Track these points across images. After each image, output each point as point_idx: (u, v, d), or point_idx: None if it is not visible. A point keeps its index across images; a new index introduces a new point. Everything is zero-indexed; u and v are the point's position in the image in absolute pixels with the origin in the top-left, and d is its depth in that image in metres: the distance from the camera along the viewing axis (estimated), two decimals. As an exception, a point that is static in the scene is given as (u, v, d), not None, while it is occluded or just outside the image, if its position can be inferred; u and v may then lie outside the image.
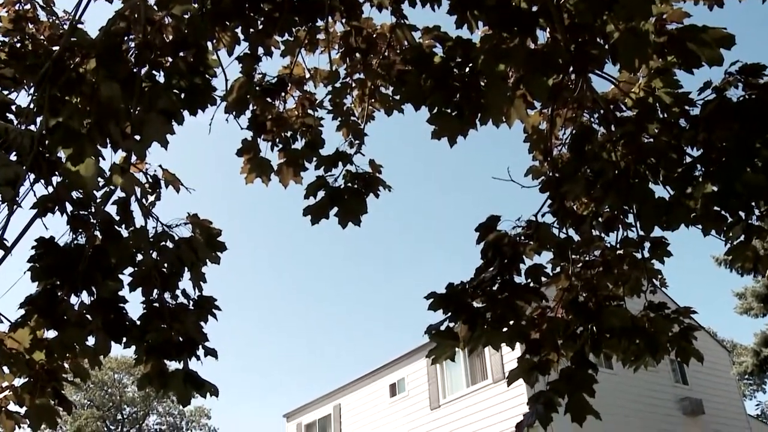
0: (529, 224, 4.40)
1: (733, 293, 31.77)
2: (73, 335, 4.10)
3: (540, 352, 4.30)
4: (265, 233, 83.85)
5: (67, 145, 3.64)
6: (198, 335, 4.25)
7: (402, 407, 25.34)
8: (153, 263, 4.23)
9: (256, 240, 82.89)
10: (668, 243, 4.77)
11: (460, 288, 4.23)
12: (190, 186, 4.60)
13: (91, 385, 58.72)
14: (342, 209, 4.85)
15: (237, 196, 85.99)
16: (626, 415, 21.55)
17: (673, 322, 4.58)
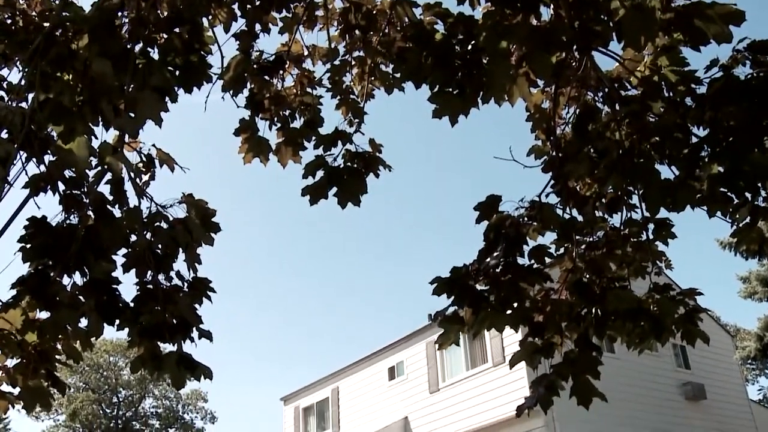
0: (532, 205, 4.38)
1: (738, 277, 31.88)
2: (65, 316, 4.09)
3: (543, 334, 4.29)
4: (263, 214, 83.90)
5: (58, 122, 3.61)
6: (192, 317, 4.23)
7: (401, 390, 25.45)
8: (147, 244, 4.21)
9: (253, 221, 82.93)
10: (673, 224, 4.75)
11: (463, 271, 4.21)
12: (185, 166, 4.58)
13: (86, 368, 58.96)
14: (341, 189, 4.82)
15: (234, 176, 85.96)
16: (627, 400, 21.65)
17: (678, 304, 4.57)
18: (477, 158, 72.62)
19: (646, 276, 4.92)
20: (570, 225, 4.58)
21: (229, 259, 73.92)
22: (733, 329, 36.86)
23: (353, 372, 28.04)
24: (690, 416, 24.37)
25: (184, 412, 64.16)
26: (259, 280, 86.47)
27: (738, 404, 26.75)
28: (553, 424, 20.25)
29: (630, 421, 22.06)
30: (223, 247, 68.07)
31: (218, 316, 67.28)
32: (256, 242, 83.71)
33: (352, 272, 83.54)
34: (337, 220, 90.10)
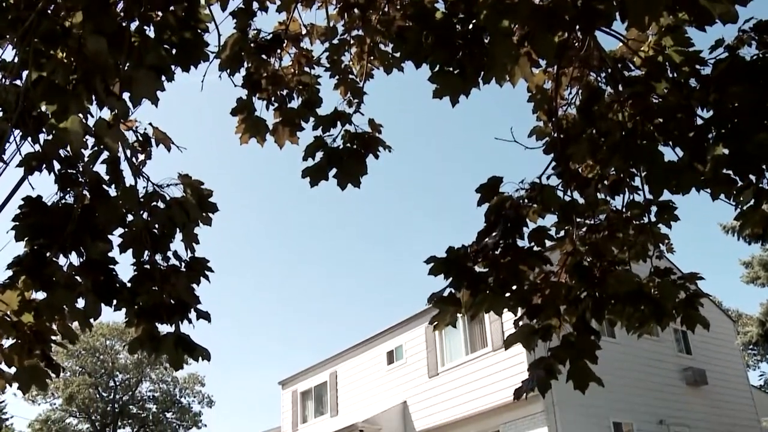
0: (532, 186, 4.37)
1: (740, 262, 31.90)
2: (61, 297, 4.10)
3: (541, 317, 4.29)
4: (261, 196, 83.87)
5: (51, 100, 3.60)
6: (190, 298, 4.24)
7: (400, 375, 25.55)
8: (143, 224, 4.21)
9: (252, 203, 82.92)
10: (675, 207, 4.75)
11: (461, 252, 4.21)
12: (181, 145, 4.57)
13: (82, 352, 59.14)
14: (341, 170, 4.81)
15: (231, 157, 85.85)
16: (629, 385, 21.75)
17: (679, 289, 4.57)
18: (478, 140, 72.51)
19: (647, 260, 4.92)
20: (571, 207, 4.58)
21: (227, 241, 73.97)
22: (734, 314, 36.98)
23: (352, 356, 28.14)
24: (691, 401, 24.49)
25: (182, 396, 64.40)
26: (258, 262, 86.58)
27: (739, 390, 26.87)
28: (553, 408, 20.34)
29: (631, 406, 22.17)
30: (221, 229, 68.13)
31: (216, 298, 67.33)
32: (254, 224, 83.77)
33: (352, 255, 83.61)
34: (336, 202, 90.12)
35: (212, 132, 76.08)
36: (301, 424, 29.89)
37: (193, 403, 64.49)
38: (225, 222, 70.13)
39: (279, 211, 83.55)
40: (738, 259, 32.24)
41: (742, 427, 25.59)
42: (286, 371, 37.55)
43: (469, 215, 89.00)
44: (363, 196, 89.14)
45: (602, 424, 21.46)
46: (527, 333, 4.31)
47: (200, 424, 64.73)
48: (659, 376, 23.88)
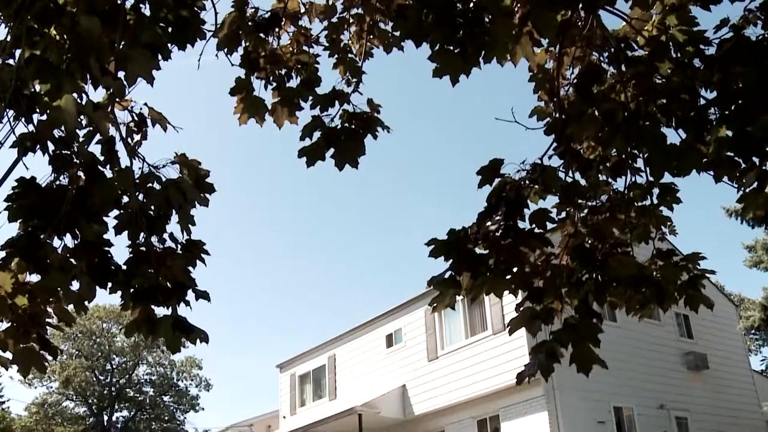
0: (533, 167, 4.36)
1: (743, 246, 31.91)
2: (56, 279, 4.09)
3: (543, 300, 4.29)
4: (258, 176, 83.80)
5: (45, 79, 3.58)
6: (186, 280, 4.24)
7: (399, 358, 25.63)
8: (139, 205, 4.20)
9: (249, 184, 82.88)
10: (678, 189, 4.75)
11: (462, 234, 4.20)
12: (178, 126, 4.55)
13: (78, 335, 59.28)
14: (338, 151, 4.80)
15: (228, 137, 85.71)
16: (629, 369, 21.83)
17: (681, 270, 4.57)
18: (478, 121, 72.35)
19: (649, 242, 4.92)
20: (572, 188, 4.57)
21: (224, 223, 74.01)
22: (737, 299, 37.01)
23: (350, 339, 28.22)
24: (692, 386, 24.59)
25: (179, 379, 64.62)
26: (255, 244, 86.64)
27: (740, 375, 26.98)
28: (553, 392, 20.43)
29: (631, 390, 22.25)
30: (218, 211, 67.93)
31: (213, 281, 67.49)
32: (251, 206, 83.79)
33: (351, 238, 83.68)
34: (335, 183, 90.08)
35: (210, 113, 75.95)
36: (300, 407, 30.03)
37: (190, 386, 64.72)
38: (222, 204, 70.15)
39: (277, 193, 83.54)
40: (741, 243, 32.27)
41: (743, 412, 25.72)
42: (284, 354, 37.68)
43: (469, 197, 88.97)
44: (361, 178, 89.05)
45: (602, 408, 21.56)
46: (529, 317, 4.31)
47: (198, 407, 65.03)
48: (660, 360, 23.97)
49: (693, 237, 19.82)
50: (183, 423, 65.00)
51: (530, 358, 4.32)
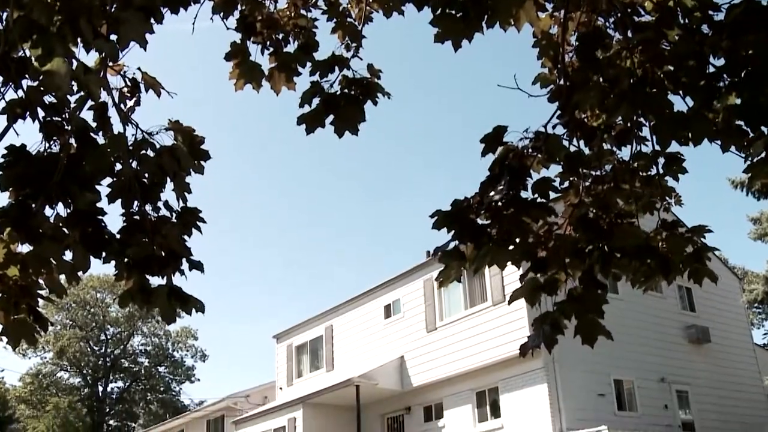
0: (537, 135, 4.33)
1: (748, 218, 31.99)
2: (49, 249, 4.07)
3: (546, 271, 4.27)
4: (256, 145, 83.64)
5: (35, 43, 3.53)
6: (181, 249, 4.22)
7: (397, 329, 25.75)
8: (133, 173, 4.17)
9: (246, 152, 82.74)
10: (684, 159, 4.72)
11: (465, 204, 4.18)
12: (172, 91, 4.51)
13: (73, 305, 59.52)
14: (338, 117, 4.75)
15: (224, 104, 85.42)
16: (630, 342, 21.94)
17: (687, 242, 4.56)
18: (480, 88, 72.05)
19: (654, 212, 4.90)
20: (576, 157, 4.54)
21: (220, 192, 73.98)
22: (740, 272, 37.14)
23: (348, 310, 28.33)
24: (693, 359, 24.75)
25: (174, 349, 64.99)
26: (252, 213, 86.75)
27: (742, 348, 27.15)
28: (553, 365, 20.55)
29: (632, 363, 22.40)
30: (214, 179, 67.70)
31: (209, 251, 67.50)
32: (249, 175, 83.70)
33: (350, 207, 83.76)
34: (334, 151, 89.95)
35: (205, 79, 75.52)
36: (296, 378, 30.23)
37: (186, 357, 65.15)
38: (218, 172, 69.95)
39: (274, 162, 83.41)
40: (746, 215, 32.33)
41: (744, 386, 25.92)
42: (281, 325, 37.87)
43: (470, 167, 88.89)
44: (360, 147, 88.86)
45: (603, 381, 21.71)
46: (532, 288, 4.29)
47: (193, 378, 65.51)
48: (662, 333, 24.10)
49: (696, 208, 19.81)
50: (178, 394, 65.54)
51: (533, 329, 4.31)
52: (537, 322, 4.29)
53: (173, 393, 65.43)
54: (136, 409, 65.74)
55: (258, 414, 28.50)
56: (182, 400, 64.65)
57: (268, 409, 28.14)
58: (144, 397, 65.21)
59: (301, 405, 25.79)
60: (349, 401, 24.62)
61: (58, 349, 58.57)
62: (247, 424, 28.65)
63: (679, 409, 23.71)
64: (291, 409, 26.25)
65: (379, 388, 24.54)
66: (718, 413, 24.11)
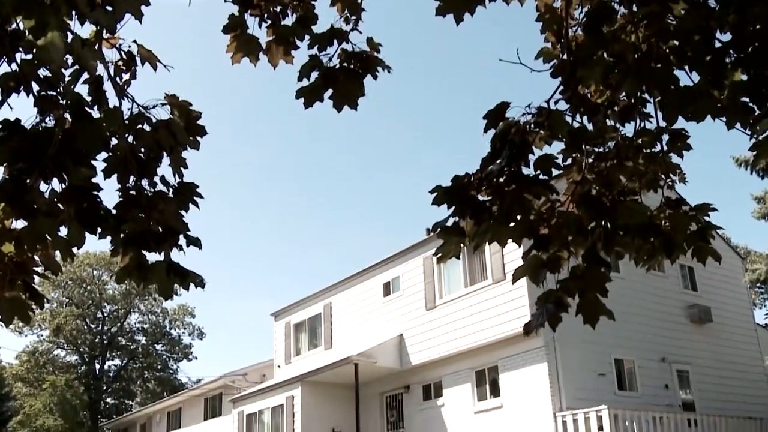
0: (539, 111, 4.30)
1: (752, 197, 31.99)
2: (44, 225, 4.06)
3: (549, 248, 4.26)
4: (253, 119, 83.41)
5: (28, 14, 3.50)
6: (179, 224, 4.21)
7: (396, 307, 25.81)
8: (129, 147, 4.15)
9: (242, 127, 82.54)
10: (689, 135, 4.70)
11: (465, 180, 4.16)
12: (168, 65, 4.47)
13: (69, 282, 59.65)
14: (337, 91, 4.73)
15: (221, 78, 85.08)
16: (630, 321, 22.02)
17: (690, 220, 4.55)
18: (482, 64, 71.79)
19: (657, 190, 4.88)
20: (579, 133, 4.52)
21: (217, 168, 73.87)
22: (743, 251, 37.18)
23: (347, 287, 28.39)
24: (694, 339, 24.85)
25: (171, 327, 65.24)
26: (249, 190, 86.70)
27: (744, 328, 27.25)
28: (553, 343, 20.64)
29: (633, 343, 22.49)
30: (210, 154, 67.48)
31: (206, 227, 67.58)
32: (245, 150, 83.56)
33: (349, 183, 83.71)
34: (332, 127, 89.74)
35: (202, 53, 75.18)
36: (295, 356, 30.35)
37: (183, 334, 65.40)
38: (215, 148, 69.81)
39: (272, 137, 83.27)
40: (750, 194, 32.33)
41: (746, 366, 26.04)
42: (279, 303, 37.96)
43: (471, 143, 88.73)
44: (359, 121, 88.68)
45: (603, 360, 21.81)
46: (535, 265, 4.28)
47: (191, 356, 65.80)
48: (663, 312, 24.17)
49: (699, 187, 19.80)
50: (176, 372, 65.87)
51: (537, 307, 4.31)
52: (540, 301, 4.29)
53: (170, 371, 65.76)
54: (134, 387, 66.11)
55: (256, 392, 28.65)
56: (179, 378, 65.01)
57: (266, 387, 28.27)
58: (141, 375, 65.55)
59: (299, 383, 25.92)
60: (347, 379, 24.74)
61: (55, 327, 58.77)
62: (244, 402, 28.81)
63: (680, 389, 23.84)
64: (289, 387, 26.38)
65: (377, 366, 24.65)
66: (718, 393, 24.24)
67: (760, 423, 22.79)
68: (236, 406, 29.22)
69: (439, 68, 74.96)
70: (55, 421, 48.15)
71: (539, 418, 20.51)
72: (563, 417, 20.01)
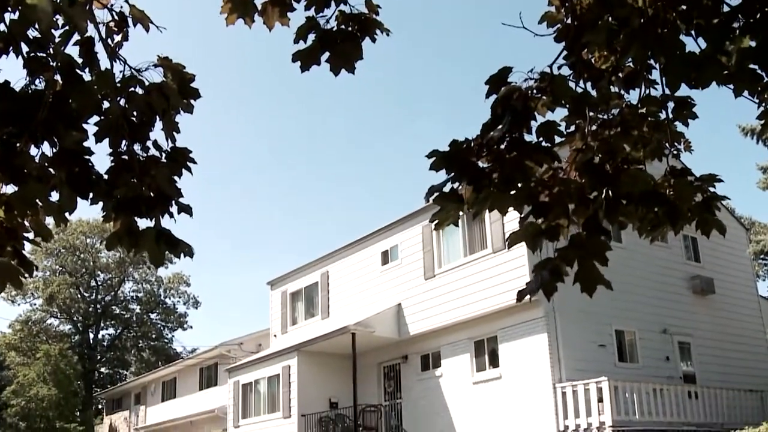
0: (542, 76, 4.26)
1: (758, 167, 32.00)
2: (34, 190, 4.05)
3: (548, 216, 4.24)
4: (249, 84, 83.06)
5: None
6: (171, 190, 4.20)
7: (394, 276, 25.88)
8: (121, 111, 4.12)
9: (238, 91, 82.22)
10: (694, 103, 4.66)
11: (464, 146, 4.13)
12: (161, 25, 4.43)
13: (62, 250, 59.80)
14: (334, 54, 4.68)
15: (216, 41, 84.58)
16: (632, 292, 22.11)
17: (695, 190, 4.53)
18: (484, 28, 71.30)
19: (662, 159, 4.86)
20: (583, 100, 4.48)
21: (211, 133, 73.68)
22: (747, 222, 37.28)
23: (344, 256, 28.44)
24: (696, 311, 24.97)
25: (166, 296, 65.51)
26: (245, 157, 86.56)
27: (747, 300, 27.37)
28: (553, 314, 20.73)
29: (634, 314, 22.60)
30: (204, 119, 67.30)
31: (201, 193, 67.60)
32: (241, 115, 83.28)
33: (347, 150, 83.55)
34: (329, 91, 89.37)
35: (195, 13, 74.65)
36: (291, 325, 30.50)
37: (178, 303, 65.72)
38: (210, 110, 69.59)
39: (268, 102, 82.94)
40: (755, 164, 32.32)
41: (748, 338, 26.19)
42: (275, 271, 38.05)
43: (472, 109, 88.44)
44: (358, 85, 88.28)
45: (604, 331, 21.93)
46: (533, 232, 4.26)
47: (186, 325, 66.19)
48: (665, 283, 24.26)
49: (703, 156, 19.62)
50: (171, 341, 66.29)
51: (533, 275, 4.30)
52: (537, 268, 4.27)
53: (165, 340, 66.20)
54: (128, 356, 66.58)
55: (252, 362, 28.83)
56: (174, 348, 65.44)
57: (262, 357, 28.45)
58: (135, 345, 65.97)
59: (295, 353, 26.08)
60: (344, 349, 24.87)
61: (48, 296, 59.03)
62: (240, 371, 29.01)
63: (681, 361, 24.00)
64: (285, 356, 26.55)
65: (375, 336, 24.78)
66: (720, 365, 24.42)
67: (761, 395, 22.97)
68: (232, 376, 29.44)
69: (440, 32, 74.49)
70: (49, 391, 48.54)
71: (538, 389, 20.66)
72: (563, 388, 20.16)
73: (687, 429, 19.52)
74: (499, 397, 21.79)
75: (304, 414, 25.28)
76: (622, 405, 19.40)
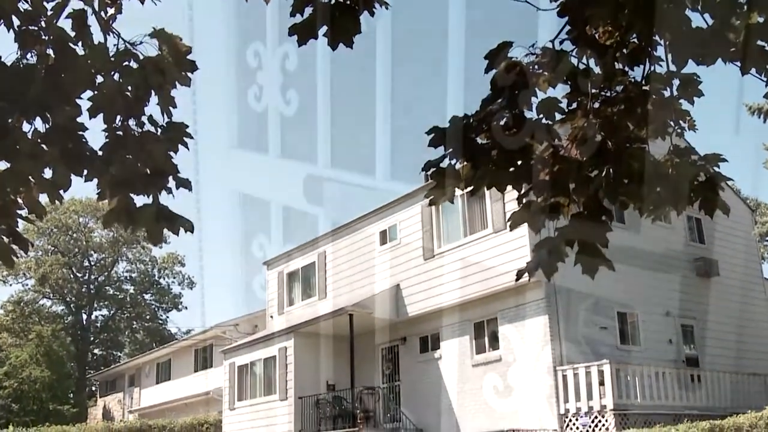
0: (544, 51, 4.25)
1: (764, 146, 31.92)
2: (27, 167, 4.06)
3: (549, 194, 4.24)
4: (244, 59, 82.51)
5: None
6: (168, 166, 4.21)
7: (393, 256, 25.87)
8: (115, 86, 4.13)
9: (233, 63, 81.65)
10: (700, 81, 4.65)
11: (464, 122, 4.13)
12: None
13: (54, 230, 59.74)
14: (332, 28, 4.67)
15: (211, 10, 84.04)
16: (635, 274, 22.11)
17: (699, 170, 4.53)
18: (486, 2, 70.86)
19: (666, 138, 4.85)
20: (585, 76, 4.47)
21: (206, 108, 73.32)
22: (753, 203, 37.24)
23: (342, 236, 28.41)
24: (700, 293, 24.99)
25: (160, 276, 65.53)
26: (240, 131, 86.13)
27: (752, 282, 27.37)
28: (554, 295, 20.76)
29: (637, 296, 22.63)
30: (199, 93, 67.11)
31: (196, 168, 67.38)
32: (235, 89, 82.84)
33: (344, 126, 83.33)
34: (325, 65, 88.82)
35: (191, -10, 74.09)
36: (288, 306, 30.53)
37: (172, 284, 65.74)
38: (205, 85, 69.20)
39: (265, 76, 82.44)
40: (762, 144, 32.26)
41: (752, 321, 26.24)
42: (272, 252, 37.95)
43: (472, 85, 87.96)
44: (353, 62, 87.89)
45: (606, 314, 21.97)
46: (534, 212, 4.27)
47: (180, 306, 66.27)
48: (668, 265, 24.26)
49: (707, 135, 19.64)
50: (165, 322, 66.41)
51: (532, 255, 4.31)
52: (537, 248, 4.28)
53: (160, 321, 66.32)
54: (122, 337, 66.75)
55: (248, 343, 28.90)
56: (169, 329, 65.54)
57: (258, 338, 28.52)
58: (129, 326, 66.12)
59: (292, 334, 26.14)
60: (342, 331, 24.92)
61: (40, 276, 59.04)
62: (236, 353, 29.09)
63: (684, 344, 24.06)
64: (282, 338, 26.60)
65: (373, 317, 24.82)
66: (723, 348, 24.47)
67: (765, 379, 23.08)
68: (227, 358, 29.51)
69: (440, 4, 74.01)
70: (42, 373, 48.69)
71: (539, 371, 20.74)
72: (563, 371, 20.23)
73: (690, 413, 19.61)
74: (498, 380, 21.87)
75: (300, 396, 25.37)
76: (624, 388, 19.49)
